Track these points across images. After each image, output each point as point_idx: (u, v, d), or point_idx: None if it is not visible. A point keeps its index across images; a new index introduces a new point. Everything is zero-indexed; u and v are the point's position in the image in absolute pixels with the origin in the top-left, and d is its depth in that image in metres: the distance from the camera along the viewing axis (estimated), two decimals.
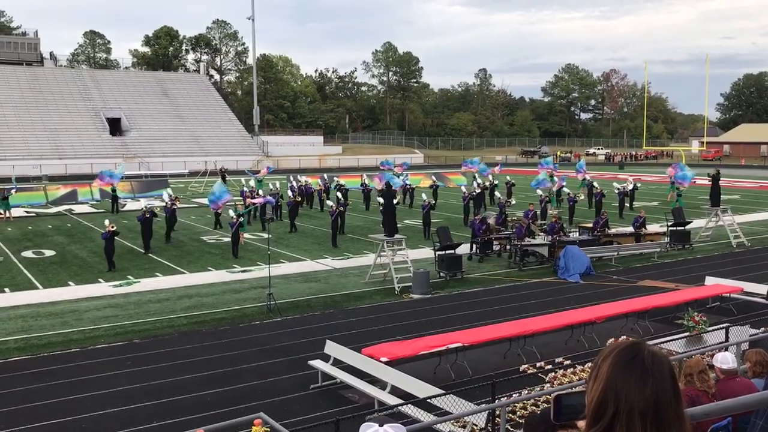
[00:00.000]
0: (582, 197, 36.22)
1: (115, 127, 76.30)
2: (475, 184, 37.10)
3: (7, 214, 34.29)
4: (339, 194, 32.15)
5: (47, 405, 11.52)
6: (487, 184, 39.41)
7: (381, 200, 29.26)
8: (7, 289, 19.96)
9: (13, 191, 37.60)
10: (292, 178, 41.31)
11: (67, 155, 67.43)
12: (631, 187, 37.50)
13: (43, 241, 28.22)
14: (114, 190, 37.76)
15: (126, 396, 11.90)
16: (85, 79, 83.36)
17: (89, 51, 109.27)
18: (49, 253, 25.66)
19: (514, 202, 33.15)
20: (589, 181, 38.55)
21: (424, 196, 31.47)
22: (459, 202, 39.47)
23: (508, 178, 43.41)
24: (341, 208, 28.17)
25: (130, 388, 12.27)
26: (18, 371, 13.11)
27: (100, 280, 21.07)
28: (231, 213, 25.70)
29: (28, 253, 25.45)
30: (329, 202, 29.62)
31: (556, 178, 36.31)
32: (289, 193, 33.07)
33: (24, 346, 14.70)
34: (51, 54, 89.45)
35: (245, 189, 35.42)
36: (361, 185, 40.63)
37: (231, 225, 24.81)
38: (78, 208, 39.49)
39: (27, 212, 37.21)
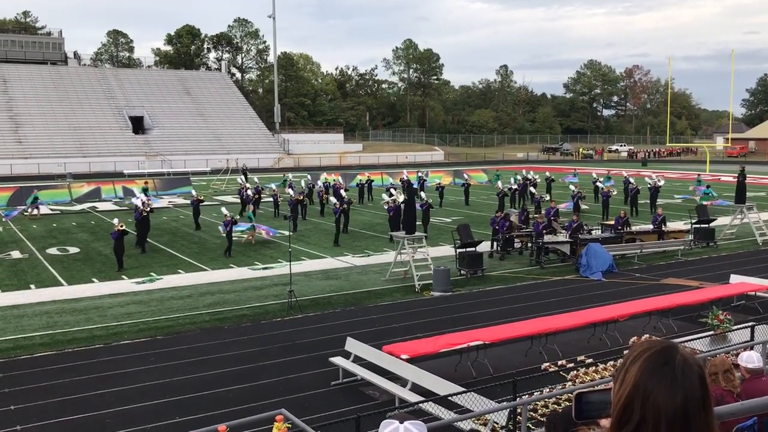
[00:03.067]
0: (614, 192, 36.09)
1: (137, 125, 77.03)
2: (512, 180, 37.04)
3: (35, 212, 34.90)
4: (343, 192, 32.15)
5: (72, 400, 11.66)
6: (526, 178, 39.31)
7: (386, 197, 29.25)
8: (32, 286, 20.24)
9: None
10: (305, 178, 41.55)
11: (91, 153, 68.21)
12: (662, 183, 37.18)
13: (68, 238, 28.57)
14: (146, 190, 38.18)
15: (149, 391, 12.02)
16: (108, 77, 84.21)
17: (112, 50, 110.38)
18: (73, 250, 25.98)
19: (548, 198, 32.93)
20: (625, 178, 38.63)
21: (423, 194, 31.13)
22: (479, 200, 39.43)
23: (547, 173, 43.31)
24: (345, 206, 28.09)
25: (153, 383, 12.38)
26: (43, 366, 13.28)
27: (123, 277, 21.28)
28: (224, 210, 25.80)
29: (53, 250, 25.78)
30: (332, 200, 29.53)
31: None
32: (290, 191, 33.11)
33: (49, 341, 14.90)
34: (75, 53, 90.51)
35: (257, 187, 35.87)
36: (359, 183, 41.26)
37: (224, 224, 24.75)
38: (101, 206, 39.92)
39: (52, 209, 37.69)
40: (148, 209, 25.72)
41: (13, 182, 49.58)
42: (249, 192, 33.04)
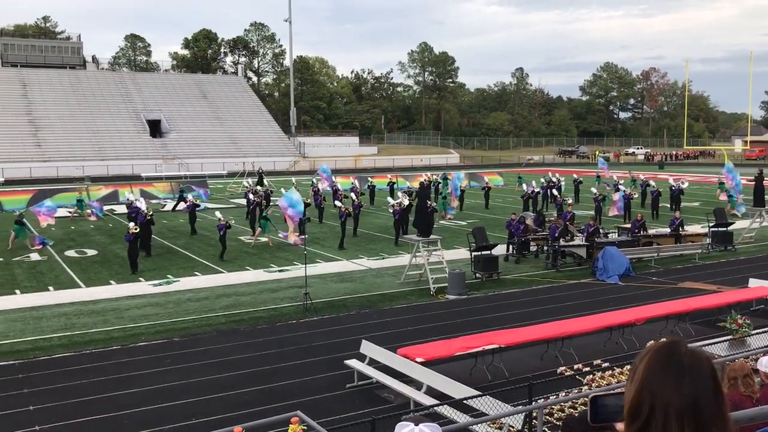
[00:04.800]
0: (635, 195, 35.91)
1: (155, 128, 77.59)
2: (534, 183, 36.92)
3: (88, 212, 35.69)
4: (353, 195, 32.10)
5: (89, 401, 11.76)
6: (550, 181, 39.20)
7: (390, 200, 29.16)
8: (51, 287, 20.43)
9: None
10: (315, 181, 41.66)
11: (108, 156, 68.79)
12: (685, 185, 36.91)
13: (86, 241, 28.83)
14: (182, 190, 38.63)
15: (165, 393, 12.09)
16: (126, 81, 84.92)
17: (130, 54, 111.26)
18: (91, 252, 26.20)
19: (570, 201, 32.90)
20: (643, 181, 38.40)
21: (390, 200, 30.63)
22: (496, 203, 39.31)
23: (575, 176, 43.17)
24: (350, 210, 28.06)
25: (170, 385, 12.46)
26: (61, 367, 13.41)
27: (140, 279, 21.44)
28: (218, 215, 25.82)
29: (71, 253, 26.02)
30: (338, 203, 29.51)
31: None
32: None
33: (67, 342, 15.03)
34: (93, 57, 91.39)
35: (267, 190, 36.16)
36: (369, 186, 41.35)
37: (219, 228, 24.69)
38: (119, 209, 40.16)
39: (70, 212, 38.01)
40: (151, 213, 25.78)
41: (33, 185, 50.09)
42: (251, 195, 32.99)
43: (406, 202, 28.25)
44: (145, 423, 10.88)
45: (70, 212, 36.38)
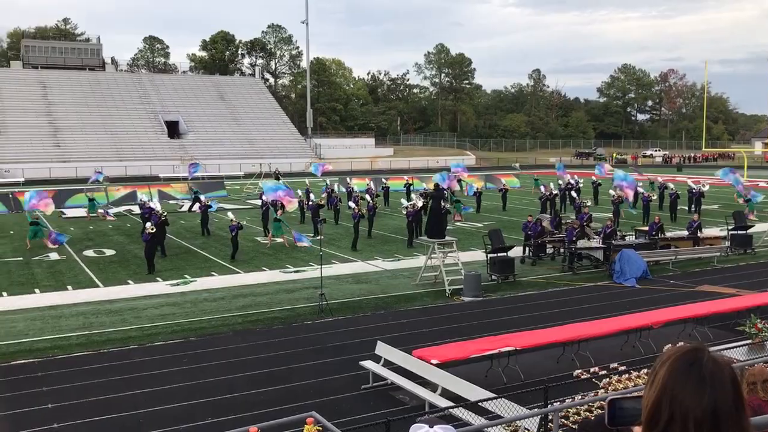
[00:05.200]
0: (654, 197, 35.68)
1: (173, 129, 78.13)
2: (551, 185, 36.75)
3: (102, 213, 36.21)
4: (368, 196, 32.06)
5: (106, 400, 11.86)
6: (569, 185, 39.05)
7: (404, 202, 29.12)
8: (69, 287, 20.63)
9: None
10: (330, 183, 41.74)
11: (127, 157, 69.33)
12: (706, 188, 36.59)
13: (104, 241, 29.07)
14: (196, 192, 38.83)
15: (182, 392, 12.16)
16: (144, 83, 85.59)
17: (148, 56, 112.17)
18: (109, 252, 26.41)
19: (589, 203, 32.77)
20: (661, 183, 38.19)
21: (403, 201, 30.49)
22: (513, 205, 39.15)
23: (593, 178, 42.97)
24: (363, 211, 28.03)
25: (186, 384, 12.53)
26: (79, 366, 13.53)
27: (158, 279, 21.58)
28: (230, 215, 25.94)
29: (89, 252, 26.25)
30: (351, 204, 29.51)
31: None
32: (312, 195, 33.21)
33: (85, 342, 15.17)
34: (112, 59, 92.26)
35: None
36: (383, 187, 41.31)
37: (231, 228, 24.82)
38: (137, 209, 40.46)
39: (87, 212, 38.32)
40: (165, 214, 25.93)
41: (52, 185, 50.59)
42: (264, 198, 33.06)
43: (420, 204, 28.22)
44: (162, 422, 10.95)
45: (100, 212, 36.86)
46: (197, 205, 33.48)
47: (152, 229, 22.54)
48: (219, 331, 16.02)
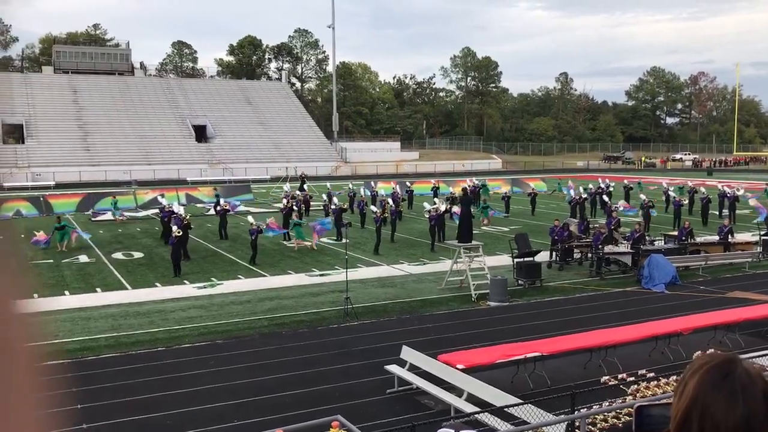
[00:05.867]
0: (685, 202, 35.25)
1: (200, 134, 78.91)
2: (581, 189, 36.47)
3: (119, 217, 36.76)
4: (390, 201, 31.95)
5: (134, 401, 11.99)
6: (600, 189, 38.75)
7: (427, 206, 28.95)
8: (98, 289, 20.91)
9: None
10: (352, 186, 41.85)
11: (155, 161, 70.15)
12: (741, 192, 36.06)
13: (132, 244, 29.43)
14: (218, 196, 39.20)
15: (208, 394, 12.25)
16: (172, 87, 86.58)
17: (177, 60, 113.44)
18: (137, 255, 26.73)
19: (621, 207, 32.37)
20: (691, 188, 37.76)
21: (426, 205, 30.01)
22: (540, 209, 38.88)
23: (625, 182, 42.62)
24: (386, 215, 27.97)
25: (213, 387, 12.62)
26: (108, 368, 13.70)
27: (185, 281, 21.78)
28: (250, 219, 26.05)
29: (118, 255, 26.58)
30: (374, 208, 29.46)
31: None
32: (336, 199, 33.25)
33: (114, 343, 15.36)
34: (141, 64, 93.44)
35: (306, 195, 36.48)
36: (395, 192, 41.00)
37: (251, 232, 24.94)
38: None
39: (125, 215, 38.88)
40: (188, 218, 26.15)
41: (82, 188, 51.37)
42: (284, 201, 33.21)
43: (443, 208, 28.13)
44: (188, 424, 11.04)
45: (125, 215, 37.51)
46: (217, 207, 33.81)
47: (178, 232, 22.77)
48: (245, 333, 16.12)
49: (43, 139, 70.27)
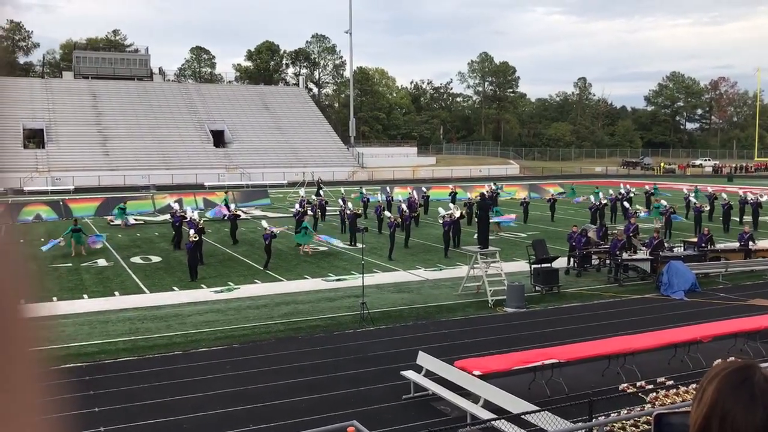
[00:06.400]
0: (707, 208, 34.95)
1: (218, 138, 79.37)
2: (600, 195, 36.23)
3: (123, 222, 36.70)
4: (404, 206, 31.86)
5: (151, 404, 12.04)
6: (620, 194, 38.51)
7: (441, 211, 28.79)
8: (117, 293, 21.06)
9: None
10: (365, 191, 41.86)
11: (173, 166, 70.63)
12: (764, 198, 35.69)
13: (150, 248, 29.62)
14: (225, 200, 39.23)
15: (225, 399, 12.28)
16: (191, 92, 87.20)
17: (195, 66, 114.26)
18: (155, 259, 26.89)
19: (642, 214, 32.04)
20: (710, 194, 37.54)
21: (441, 210, 29.66)
22: (559, 215, 38.66)
23: (646, 187, 42.37)
24: (399, 220, 27.92)
25: (229, 391, 12.65)
26: (126, 371, 13.78)
27: (203, 285, 21.88)
28: (264, 224, 26.04)
29: (136, 259, 26.77)
30: (388, 213, 29.35)
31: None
32: (350, 204, 33.23)
33: (131, 347, 15.45)
34: (160, 69, 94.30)
35: (321, 200, 36.54)
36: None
37: (264, 237, 24.98)
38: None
39: (136, 220, 39.17)
40: (202, 223, 26.32)
41: (101, 193, 51.84)
42: (297, 206, 33.25)
43: (457, 214, 28.03)
44: (204, 428, 11.07)
45: (135, 219, 37.69)
46: (227, 213, 33.95)
47: (195, 237, 22.91)
48: (262, 338, 16.15)
49: (63, 143, 71.02)
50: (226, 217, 33.78)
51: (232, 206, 34.15)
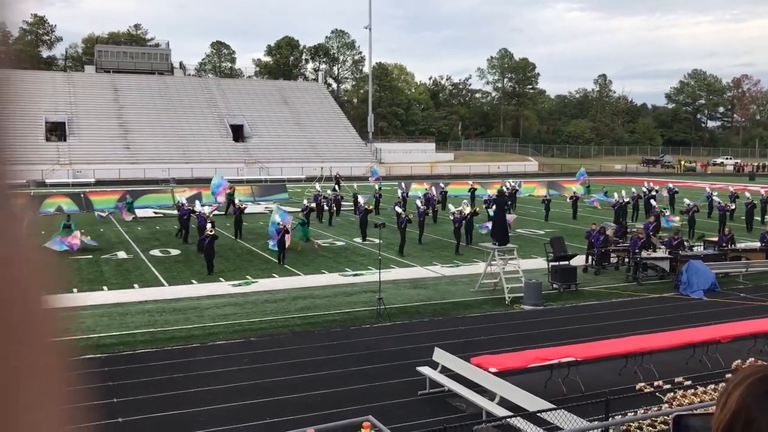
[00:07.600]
0: (732, 207, 34.52)
1: (237, 133, 79.71)
2: (623, 192, 35.89)
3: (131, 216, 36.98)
4: (418, 202, 31.70)
5: (168, 396, 12.15)
6: (643, 192, 38.15)
7: (451, 208, 28.60)
8: (136, 285, 21.25)
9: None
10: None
11: (193, 160, 71.01)
12: None
13: (170, 241, 29.83)
14: (230, 195, 39.19)
15: (241, 391, 12.36)
16: (211, 87, 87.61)
17: (215, 60, 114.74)
18: (174, 252, 27.09)
19: (668, 212, 31.66)
20: (732, 193, 37.12)
21: (451, 206, 29.37)
22: (580, 213, 38.43)
23: (670, 185, 41.99)
24: (411, 216, 27.83)
25: (246, 384, 12.73)
26: (144, 363, 13.91)
27: (221, 279, 22.02)
28: (277, 218, 26.00)
29: (155, 252, 26.99)
30: (398, 209, 29.29)
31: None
32: (361, 200, 33.20)
33: (150, 339, 15.59)
34: (180, 63, 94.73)
35: (337, 196, 36.60)
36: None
37: (276, 231, 25.00)
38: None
39: (155, 213, 39.48)
40: (212, 217, 26.46)
41: (121, 186, 52.26)
42: (305, 201, 33.21)
43: (467, 211, 27.92)
44: (221, 420, 11.15)
45: (155, 212, 37.94)
46: (232, 207, 34.03)
47: (211, 230, 23.07)
48: (279, 332, 16.24)
49: (85, 136, 71.66)
50: (232, 211, 33.91)
51: (237, 200, 34.25)
